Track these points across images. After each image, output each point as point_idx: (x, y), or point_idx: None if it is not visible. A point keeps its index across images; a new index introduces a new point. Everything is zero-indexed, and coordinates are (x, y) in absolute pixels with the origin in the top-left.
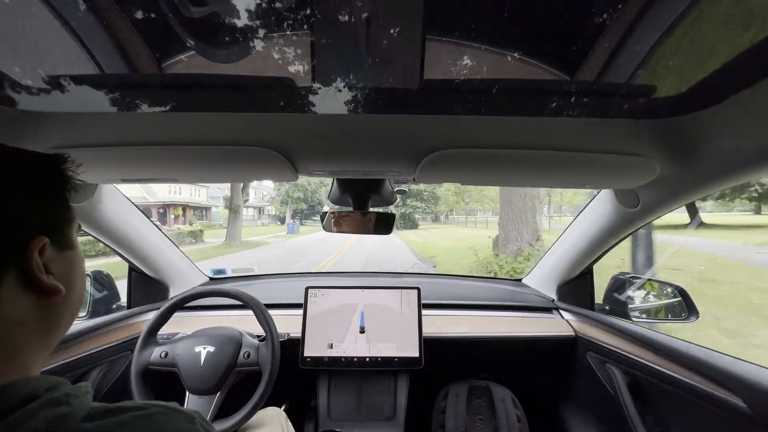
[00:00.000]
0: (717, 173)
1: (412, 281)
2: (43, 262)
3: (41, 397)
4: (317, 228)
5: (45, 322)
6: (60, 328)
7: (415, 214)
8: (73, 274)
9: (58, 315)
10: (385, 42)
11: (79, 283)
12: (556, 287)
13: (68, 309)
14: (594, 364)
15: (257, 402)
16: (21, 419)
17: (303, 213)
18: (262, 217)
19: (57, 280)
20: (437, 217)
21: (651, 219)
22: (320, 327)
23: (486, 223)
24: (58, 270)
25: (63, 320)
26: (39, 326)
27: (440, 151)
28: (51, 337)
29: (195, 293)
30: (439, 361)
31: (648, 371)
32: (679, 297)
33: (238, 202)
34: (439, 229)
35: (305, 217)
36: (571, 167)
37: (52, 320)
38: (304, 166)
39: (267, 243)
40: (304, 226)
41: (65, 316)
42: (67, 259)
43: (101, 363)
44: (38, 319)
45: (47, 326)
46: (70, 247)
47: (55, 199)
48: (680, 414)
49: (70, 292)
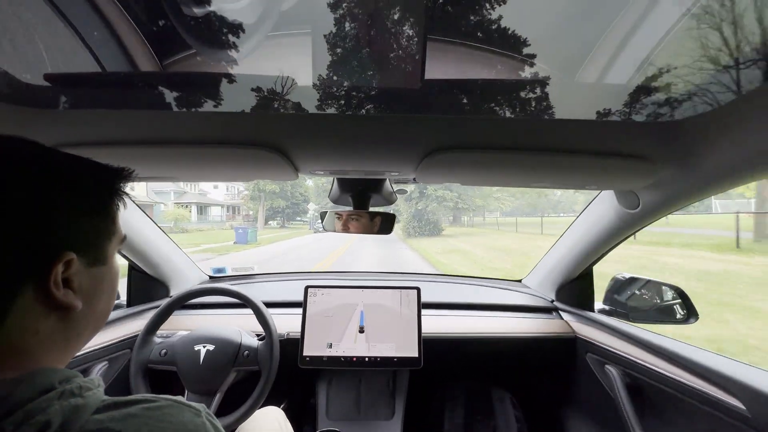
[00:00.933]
0: (717, 175)
1: (412, 281)
2: (68, 276)
3: (56, 388)
4: (299, 232)
5: (63, 333)
6: (80, 340)
7: (440, 213)
8: (100, 289)
9: (78, 328)
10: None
11: (105, 297)
12: (555, 288)
13: (89, 323)
14: (593, 365)
15: (256, 401)
16: (38, 408)
17: (285, 213)
18: (236, 218)
19: (80, 294)
20: (457, 218)
21: (651, 220)
22: (320, 326)
23: (516, 226)
24: (83, 284)
25: (83, 333)
26: (57, 337)
27: (441, 151)
28: (69, 348)
29: (194, 292)
30: (438, 362)
31: (647, 373)
32: (679, 299)
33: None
34: (474, 237)
35: (289, 218)
36: (571, 168)
37: (71, 333)
38: (305, 166)
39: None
40: (287, 229)
41: (86, 329)
42: (95, 274)
43: (101, 360)
44: (56, 331)
45: (66, 338)
46: (103, 263)
47: (97, 212)
48: (678, 416)
49: (93, 307)
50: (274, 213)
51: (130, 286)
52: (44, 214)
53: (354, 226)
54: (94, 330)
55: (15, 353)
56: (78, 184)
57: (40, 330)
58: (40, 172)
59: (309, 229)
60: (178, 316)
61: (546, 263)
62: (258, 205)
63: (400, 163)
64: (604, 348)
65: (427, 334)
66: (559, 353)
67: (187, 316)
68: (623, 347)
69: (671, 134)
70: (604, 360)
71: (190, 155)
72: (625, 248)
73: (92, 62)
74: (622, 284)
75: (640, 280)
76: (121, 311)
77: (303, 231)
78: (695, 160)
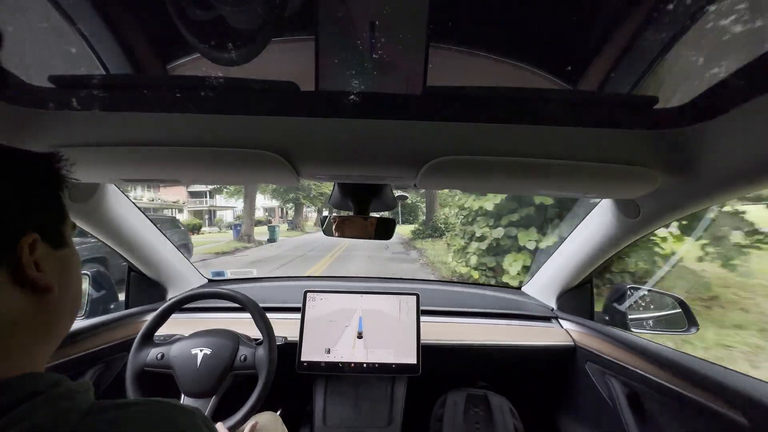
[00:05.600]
0: (718, 185)
1: (411, 287)
2: (35, 259)
3: (44, 392)
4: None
5: (43, 321)
6: (59, 328)
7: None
8: (68, 273)
9: (56, 314)
10: (388, 48)
11: (74, 282)
12: (555, 296)
13: (66, 308)
14: (593, 374)
15: (253, 406)
16: (25, 413)
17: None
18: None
19: (50, 277)
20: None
21: (652, 229)
22: (318, 331)
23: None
24: (51, 268)
25: (62, 320)
26: (37, 326)
27: (442, 157)
28: (51, 336)
29: (193, 295)
30: (437, 369)
31: (647, 383)
32: (679, 309)
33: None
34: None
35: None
36: (572, 176)
37: (50, 320)
38: (306, 170)
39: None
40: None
41: (63, 315)
42: (61, 257)
43: (97, 363)
44: (35, 319)
45: (46, 326)
46: (64, 245)
47: (47, 198)
48: (678, 426)
49: (66, 290)
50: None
51: (128, 288)
52: (1, 200)
53: (354, 231)
54: (71, 315)
55: (6, 350)
56: (24, 172)
57: (19, 321)
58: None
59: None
60: (175, 319)
61: (546, 271)
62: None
63: (402, 169)
64: (605, 357)
65: (425, 341)
66: (558, 362)
67: (185, 320)
68: (624, 356)
69: (672, 143)
70: (605, 369)
71: (192, 157)
72: None
73: (95, 64)
74: (623, 293)
75: (640, 290)
76: (120, 313)
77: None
78: (697, 168)
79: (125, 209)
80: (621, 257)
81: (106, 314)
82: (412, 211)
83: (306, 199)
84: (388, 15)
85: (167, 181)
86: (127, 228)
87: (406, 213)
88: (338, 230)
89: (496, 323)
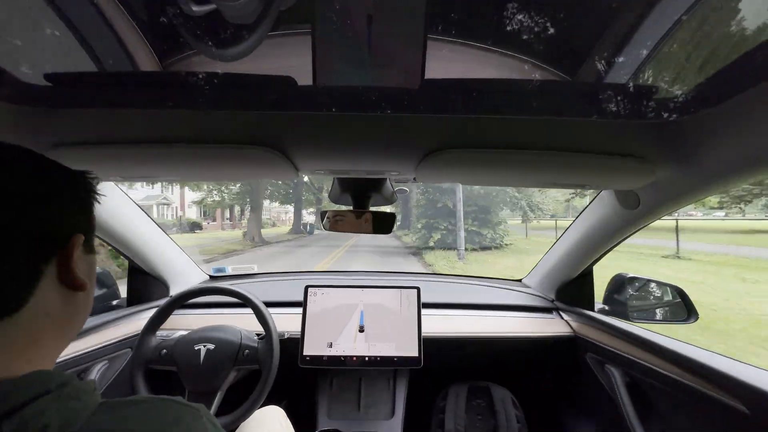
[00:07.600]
0: (717, 175)
1: (411, 281)
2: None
3: (53, 391)
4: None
5: (66, 316)
6: (77, 324)
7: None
8: (93, 275)
9: (78, 311)
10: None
11: (93, 284)
12: (555, 288)
13: (87, 306)
14: (593, 364)
15: (256, 400)
16: (34, 413)
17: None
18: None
19: (84, 278)
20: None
21: (651, 220)
22: (320, 326)
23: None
24: (83, 269)
25: (80, 316)
26: (61, 320)
27: (440, 150)
28: (69, 331)
29: (194, 291)
30: (438, 361)
31: (647, 372)
32: (679, 298)
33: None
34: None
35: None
36: (571, 168)
37: (74, 314)
38: (305, 165)
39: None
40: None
41: (83, 312)
42: (90, 261)
43: (100, 360)
44: (62, 313)
45: (68, 320)
46: (93, 252)
47: (89, 207)
48: (678, 415)
49: (89, 291)
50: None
51: (130, 285)
52: (57, 203)
53: (354, 226)
54: (86, 315)
55: (31, 342)
56: (70, 181)
57: (51, 313)
58: (44, 170)
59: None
60: (178, 316)
61: (546, 262)
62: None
63: (400, 163)
64: (605, 347)
65: (427, 333)
66: (559, 353)
67: (187, 316)
68: (623, 347)
69: (671, 133)
70: (605, 359)
71: (190, 154)
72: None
73: (92, 61)
74: (622, 284)
75: (640, 280)
76: (122, 310)
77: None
78: (695, 159)
79: (125, 206)
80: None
81: (108, 311)
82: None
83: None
84: (385, 8)
85: (166, 179)
86: (128, 225)
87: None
88: (337, 225)
89: (497, 315)
